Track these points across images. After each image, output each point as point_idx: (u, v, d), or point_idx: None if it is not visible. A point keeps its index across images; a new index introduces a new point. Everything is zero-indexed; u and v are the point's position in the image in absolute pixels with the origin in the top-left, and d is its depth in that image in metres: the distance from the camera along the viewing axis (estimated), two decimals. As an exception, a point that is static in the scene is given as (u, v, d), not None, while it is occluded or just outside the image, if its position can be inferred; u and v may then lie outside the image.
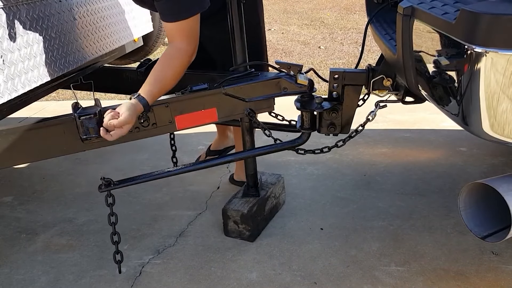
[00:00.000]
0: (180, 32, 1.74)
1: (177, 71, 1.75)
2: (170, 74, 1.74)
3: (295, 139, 1.98)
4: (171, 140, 2.32)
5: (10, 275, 1.97)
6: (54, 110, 3.83)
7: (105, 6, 2.37)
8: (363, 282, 1.81)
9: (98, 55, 2.30)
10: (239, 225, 2.08)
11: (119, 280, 1.90)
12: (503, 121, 1.20)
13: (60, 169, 2.87)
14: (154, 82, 1.72)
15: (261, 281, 1.85)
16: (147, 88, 1.71)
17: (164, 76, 1.73)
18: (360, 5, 8.07)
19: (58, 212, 2.43)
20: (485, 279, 1.78)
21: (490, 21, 1.10)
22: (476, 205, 1.50)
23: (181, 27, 1.72)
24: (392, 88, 1.88)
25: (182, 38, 1.74)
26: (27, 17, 1.82)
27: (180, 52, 1.75)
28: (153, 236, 2.18)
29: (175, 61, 1.74)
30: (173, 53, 1.75)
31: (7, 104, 1.78)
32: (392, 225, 2.14)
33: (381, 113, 1.94)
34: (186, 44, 1.74)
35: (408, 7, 1.42)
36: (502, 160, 2.64)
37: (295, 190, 2.48)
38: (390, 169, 2.63)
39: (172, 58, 1.74)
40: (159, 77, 1.73)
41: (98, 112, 1.71)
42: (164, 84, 1.74)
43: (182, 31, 1.73)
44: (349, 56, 5.34)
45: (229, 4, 1.87)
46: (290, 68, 1.85)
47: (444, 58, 1.31)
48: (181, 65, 1.75)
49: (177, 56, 1.75)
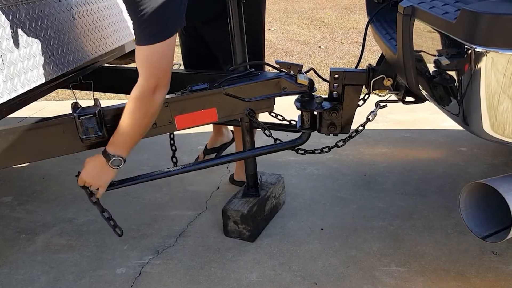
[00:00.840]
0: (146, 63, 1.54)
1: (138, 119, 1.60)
2: (132, 124, 1.61)
3: (295, 139, 1.97)
4: (170, 140, 2.31)
5: (10, 275, 1.97)
6: (53, 110, 3.83)
7: (105, 6, 2.37)
8: (363, 282, 1.81)
9: (97, 54, 2.30)
10: (239, 225, 2.08)
11: (118, 281, 1.90)
12: (503, 121, 1.20)
13: (60, 169, 2.86)
14: (117, 132, 1.65)
15: (261, 282, 1.85)
16: (113, 140, 1.67)
17: (126, 127, 1.62)
18: (361, 5, 8.06)
19: (57, 212, 2.42)
20: (486, 279, 1.78)
21: (491, 21, 1.10)
22: (477, 205, 1.50)
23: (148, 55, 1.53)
24: (393, 88, 1.88)
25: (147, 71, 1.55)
26: (26, 16, 1.81)
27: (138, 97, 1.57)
28: (153, 236, 2.18)
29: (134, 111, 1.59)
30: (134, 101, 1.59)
31: (7, 104, 1.77)
32: (393, 225, 2.14)
33: (381, 113, 1.94)
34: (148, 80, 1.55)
35: (409, 6, 1.42)
36: (503, 160, 2.64)
37: (295, 190, 2.48)
38: (391, 169, 2.63)
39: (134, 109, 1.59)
40: (122, 128, 1.63)
41: (98, 112, 1.71)
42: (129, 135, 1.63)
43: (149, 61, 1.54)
44: (349, 56, 5.34)
45: (229, 4, 1.87)
46: (290, 68, 1.84)
47: (445, 58, 1.31)
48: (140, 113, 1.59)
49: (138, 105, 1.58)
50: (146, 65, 1.55)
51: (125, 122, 1.62)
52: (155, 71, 1.56)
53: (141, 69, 1.56)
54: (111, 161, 1.66)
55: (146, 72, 1.56)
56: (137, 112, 1.60)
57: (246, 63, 1.96)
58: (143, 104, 1.59)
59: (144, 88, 1.57)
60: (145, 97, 1.58)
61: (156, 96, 1.58)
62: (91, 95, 2.63)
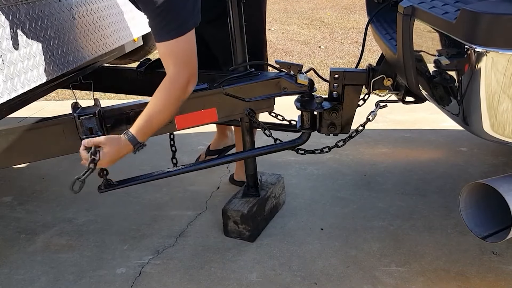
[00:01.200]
0: (171, 57, 1.61)
1: (167, 103, 1.65)
2: (160, 107, 1.65)
3: (295, 139, 1.97)
4: (170, 141, 2.30)
5: (9, 275, 1.97)
6: (53, 110, 3.83)
7: (105, 6, 2.37)
8: (363, 282, 1.81)
9: (97, 54, 2.30)
10: (239, 225, 2.08)
11: (118, 281, 1.90)
12: (503, 121, 1.20)
13: (60, 169, 2.86)
14: (145, 117, 1.66)
15: (261, 282, 1.85)
16: (138, 124, 1.66)
17: (153, 110, 1.65)
18: (361, 5, 8.06)
19: (57, 212, 2.42)
20: (486, 279, 1.78)
21: (491, 21, 1.10)
22: (477, 205, 1.50)
23: (171, 50, 1.60)
24: (393, 88, 1.88)
25: (174, 64, 1.62)
26: (26, 16, 1.81)
27: (172, 83, 1.63)
28: (153, 236, 2.18)
29: (165, 93, 1.64)
30: (165, 85, 1.64)
31: (7, 104, 1.77)
32: (393, 225, 2.13)
33: (381, 113, 1.94)
34: (178, 70, 1.62)
35: (409, 6, 1.42)
36: (503, 160, 2.64)
37: (295, 190, 2.48)
38: (391, 169, 2.63)
39: (162, 90, 1.64)
40: (150, 112, 1.65)
41: (98, 112, 1.71)
42: (155, 118, 1.66)
43: (173, 54, 1.61)
44: (349, 56, 5.34)
45: (229, 4, 1.87)
46: (290, 68, 1.84)
47: (445, 58, 1.31)
48: (171, 96, 1.64)
49: (167, 87, 1.64)
50: (173, 60, 1.61)
51: (157, 109, 1.65)
52: (184, 64, 1.62)
53: (169, 64, 1.62)
54: (137, 148, 1.67)
55: (176, 66, 1.62)
56: (170, 100, 1.65)
57: (246, 63, 1.96)
58: (177, 92, 1.64)
59: (178, 81, 1.62)
60: (179, 89, 1.63)
61: (189, 87, 1.65)
62: (91, 95, 2.63)
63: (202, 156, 2.77)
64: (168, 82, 1.64)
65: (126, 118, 1.81)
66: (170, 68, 1.62)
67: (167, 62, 1.63)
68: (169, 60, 1.62)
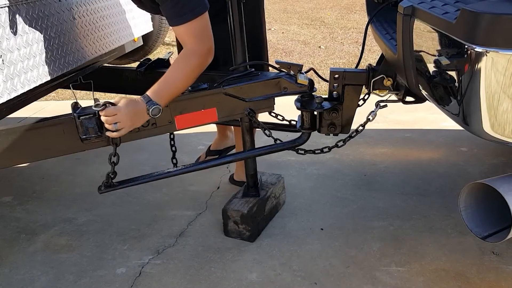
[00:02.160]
0: (188, 35, 1.70)
1: (188, 72, 1.71)
2: (180, 76, 1.71)
3: (295, 139, 1.97)
4: (171, 141, 2.31)
5: (10, 275, 1.97)
6: (53, 110, 3.83)
7: (105, 6, 2.37)
8: (363, 282, 1.81)
9: (97, 54, 2.30)
10: (239, 225, 2.08)
11: (118, 281, 1.90)
12: (503, 121, 1.19)
13: (60, 169, 2.86)
14: (162, 82, 1.70)
15: (261, 282, 1.85)
16: (154, 88, 1.69)
17: (173, 77, 1.71)
18: (361, 5, 8.06)
19: (57, 212, 2.42)
20: (486, 279, 1.78)
21: (491, 21, 1.10)
22: (477, 205, 1.50)
23: (188, 30, 1.68)
24: (393, 88, 1.88)
25: (192, 40, 1.70)
26: (26, 16, 1.81)
27: (191, 53, 1.71)
28: (153, 236, 2.18)
29: (185, 63, 1.71)
30: (184, 55, 1.72)
31: (7, 104, 1.78)
32: (393, 225, 2.13)
33: (381, 113, 1.94)
34: (197, 45, 1.70)
35: (409, 6, 1.42)
36: (503, 160, 2.64)
37: (295, 190, 2.48)
38: (391, 169, 2.63)
39: (182, 60, 1.71)
40: (168, 78, 1.71)
41: (98, 112, 1.71)
42: (173, 85, 1.71)
43: (190, 33, 1.69)
44: (349, 56, 5.34)
45: (229, 4, 1.87)
46: (290, 68, 1.84)
47: (445, 58, 1.31)
48: (192, 66, 1.71)
49: (187, 58, 1.71)
50: (191, 38, 1.70)
51: (174, 76, 1.71)
52: (202, 39, 1.70)
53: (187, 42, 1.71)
54: (152, 109, 1.65)
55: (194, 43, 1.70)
56: (188, 69, 1.70)
57: (246, 63, 1.96)
58: (197, 63, 1.71)
59: (198, 51, 1.70)
60: (198, 57, 1.70)
61: (208, 58, 1.73)
62: (91, 95, 2.63)
63: (203, 156, 2.77)
64: (188, 53, 1.71)
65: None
66: (189, 44, 1.71)
67: (186, 41, 1.71)
68: (188, 39, 1.71)
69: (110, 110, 1.62)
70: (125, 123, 1.65)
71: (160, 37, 5.17)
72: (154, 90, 1.69)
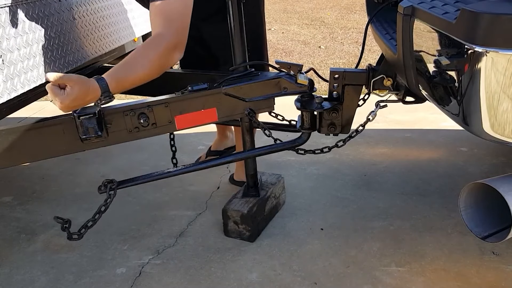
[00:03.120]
0: (161, 15, 1.54)
1: (151, 61, 1.55)
2: (143, 63, 1.55)
3: (295, 139, 1.97)
4: (171, 141, 2.31)
5: (10, 275, 1.97)
6: (53, 110, 3.81)
7: (105, 6, 2.37)
8: (363, 282, 1.81)
9: (97, 54, 2.30)
10: (239, 225, 2.08)
11: (118, 281, 1.90)
12: (503, 121, 1.19)
13: (60, 169, 2.86)
14: (122, 65, 1.55)
15: (261, 282, 1.85)
16: (113, 74, 1.54)
17: (134, 63, 1.55)
18: (361, 5, 8.06)
19: (57, 212, 2.42)
20: (486, 279, 1.78)
21: (491, 21, 1.10)
22: (477, 205, 1.50)
23: (162, 7, 1.53)
24: (393, 88, 1.88)
25: (163, 22, 1.54)
26: (26, 16, 1.81)
27: (158, 40, 1.55)
28: (153, 236, 2.18)
29: (150, 50, 1.55)
30: (151, 41, 1.56)
31: (7, 104, 1.77)
32: (393, 225, 2.13)
33: (381, 113, 1.94)
34: (166, 30, 1.54)
35: (409, 6, 1.42)
36: (503, 160, 2.64)
37: (295, 190, 2.48)
38: (391, 169, 2.63)
39: (148, 46, 1.56)
40: (128, 62, 1.55)
41: (98, 112, 1.71)
42: (133, 71, 1.55)
43: (164, 13, 1.54)
44: (349, 56, 5.34)
45: (229, 4, 1.87)
46: (290, 68, 1.84)
47: (445, 58, 1.31)
48: (156, 55, 1.55)
49: (154, 45, 1.55)
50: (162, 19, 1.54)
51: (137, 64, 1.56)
52: (173, 26, 1.55)
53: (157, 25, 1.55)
54: (105, 97, 1.54)
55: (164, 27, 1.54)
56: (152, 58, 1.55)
57: (246, 63, 1.96)
58: (162, 52, 1.56)
59: (165, 38, 1.55)
60: (165, 46, 1.55)
61: (176, 54, 1.58)
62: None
63: (203, 157, 2.77)
64: (152, 40, 1.55)
65: (126, 118, 1.81)
66: (158, 28, 1.55)
67: (156, 21, 1.55)
68: (158, 19, 1.55)
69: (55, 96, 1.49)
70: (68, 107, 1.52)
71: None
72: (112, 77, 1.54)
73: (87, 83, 1.51)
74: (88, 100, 1.54)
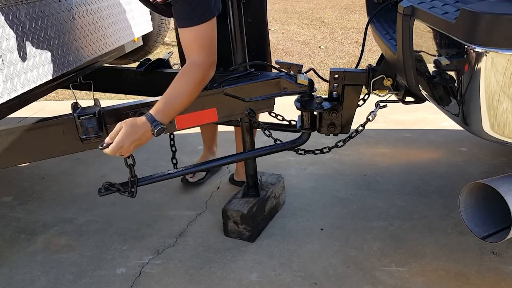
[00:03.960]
0: (195, 42, 1.66)
1: (192, 87, 1.67)
2: (184, 92, 1.66)
3: (295, 139, 1.97)
4: (171, 141, 2.31)
5: (9, 275, 1.97)
6: (53, 110, 3.83)
7: (105, 6, 2.37)
8: (363, 282, 1.81)
9: (97, 55, 2.30)
10: (239, 225, 2.08)
11: (118, 281, 1.90)
12: (503, 121, 1.19)
13: (60, 169, 2.86)
14: (166, 98, 1.65)
15: (261, 282, 1.85)
16: (158, 106, 1.64)
17: (176, 93, 1.66)
18: (361, 5, 8.06)
19: (57, 212, 2.42)
20: (486, 279, 1.78)
21: (491, 21, 1.10)
22: (477, 205, 1.50)
23: (195, 35, 1.65)
24: (393, 88, 1.88)
25: (198, 49, 1.66)
26: (26, 17, 1.81)
27: (195, 66, 1.66)
28: (153, 236, 2.18)
29: (189, 77, 1.66)
30: (188, 68, 1.67)
31: (7, 104, 1.78)
32: (393, 225, 2.13)
33: (381, 113, 1.94)
34: (202, 56, 1.66)
35: (408, 6, 1.42)
36: (503, 160, 2.64)
37: (295, 190, 2.48)
38: (391, 169, 2.63)
39: (186, 74, 1.66)
40: (171, 94, 1.66)
41: (98, 112, 1.71)
42: (177, 102, 1.66)
43: (197, 40, 1.65)
44: (349, 56, 5.34)
45: (229, 4, 1.87)
46: (290, 68, 1.84)
47: (444, 58, 1.31)
48: (196, 80, 1.66)
49: (191, 72, 1.66)
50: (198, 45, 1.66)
51: (177, 92, 1.66)
52: (208, 49, 1.67)
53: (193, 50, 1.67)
54: (157, 130, 1.61)
55: (200, 51, 1.66)
56: (192, 84, 1.66)
57: (246, 63, 1.96)
58: (200, 76, 1.67)
59: (202, 63, 1.66)
60: (202, 70, 1.66)
61: (212, 71, 1.69)
62: (91, 95, 2.63)
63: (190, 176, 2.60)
64: (191, 67, 1.67)
65: (126, 118, 1.81)
66: (194, 53, 1.66)
67: (191, 47, 1.67)
68: (194, 45, 1.66)
69: (114, 150, 1.61)
70: (128, 150, 1.64)
71: (160, 37, 5.17)
72: (158, 109, 1.63)
73: (132, 119, 1.63)
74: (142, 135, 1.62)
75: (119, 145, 1.60)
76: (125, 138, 1.60)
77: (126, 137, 1.60)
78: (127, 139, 1.60)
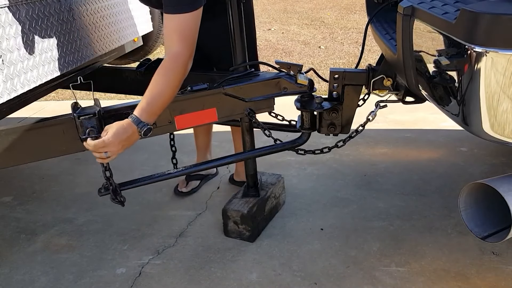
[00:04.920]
0: (177, 31, 1.64)
1: (173, 83, 1.65)
2: (166, 88, 1.65)
3: (295, 139, 1.97)
4: (171, 141, 2.31)
5: (9, 275, 1.97)
6: (53, 110, 3.83)
7: (105, 6, 2.37)
8: (363, 282, 1.81)
9: (97, 55, 2.30)
10: (239, 225, 2.08)
11: (118, 281, 1.90)
12: (503, 121, 1.19)
13: (60, 169, 2.86)
14: (149, 97, 1.63)
15: (261, 282, 1.85)
16: (142, 105, 1.63)
17: (159, 90, 1.64)
18: (361, 5, 8.06)
19: (57, 212, 2.42)
20: (486, 279, 1.78)
21: (490, 21, 1.10)
22: (477, 205, 1.50)
23: (180, 23, 1.63)
24: (392, 88, 1.88)
25: (179, 39, 1.64)
26: (26, 17, 1.81)
27: (174, 60, 1.65)
28: (153, 236, 2.18)
29: (170, 73, 1.65)
30: (168, 63, 1.65)
31: (7, 104, 1.77)
32: (393, 225, 2.13)
33: (381, 113, 1.94)
34: (182, 48, 1.64)
35: (408, 6, 1.42)
36: (503, 160, 2.64)
37: (295, 190, 2.48)
38: (391, 169, 2.63)
39: (167, 70, 1.65)
40: (154, 92, 1.64)
41: (98, 112, 1.71)
42: (161, 99, 1.65)
43: (180, 29, 1.64)
44: (349, 56, 5.34)
45: (229, 4, 1.87)
46: (290, 68, 1.84)
47: (444, 58, 1.31)
48: (176, 76, 1.65)
49: (172, 67, 1.65)
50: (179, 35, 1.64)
51: (159, 89, 1.64)
52: (188, 41, 1.65)
53: (174, 41, 1.65)
54: (144, 131, 1.61)
55: (180, 43, 1.64)
56: (173, 78, 1.65)
57: (246, 63, 1.96)
58: (180, 70, 1.65)
59: (182, 56, 1.65)
60: (181, 64, 1.65)
61: (189, 64, 1.67)
62: (91, 95, 2.63)
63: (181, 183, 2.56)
64: (170, 62, 1.65)
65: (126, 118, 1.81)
66: (174, 45, 1.64)
67: (173, 36, 1.65)
68: (175, 34, 1.64)
69: (98, 145, 1.59)
70: (115, 150, 1.62)
71: (160, 37, 5.17)
72: (142, 109, 1.62)
73: (118, 123, 1.61)
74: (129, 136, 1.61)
75: (105, 142, 1.58)
76: (113, 136, 1.59)
77: (114, 135, 1.59)
78: (116, 138, 1.59)
